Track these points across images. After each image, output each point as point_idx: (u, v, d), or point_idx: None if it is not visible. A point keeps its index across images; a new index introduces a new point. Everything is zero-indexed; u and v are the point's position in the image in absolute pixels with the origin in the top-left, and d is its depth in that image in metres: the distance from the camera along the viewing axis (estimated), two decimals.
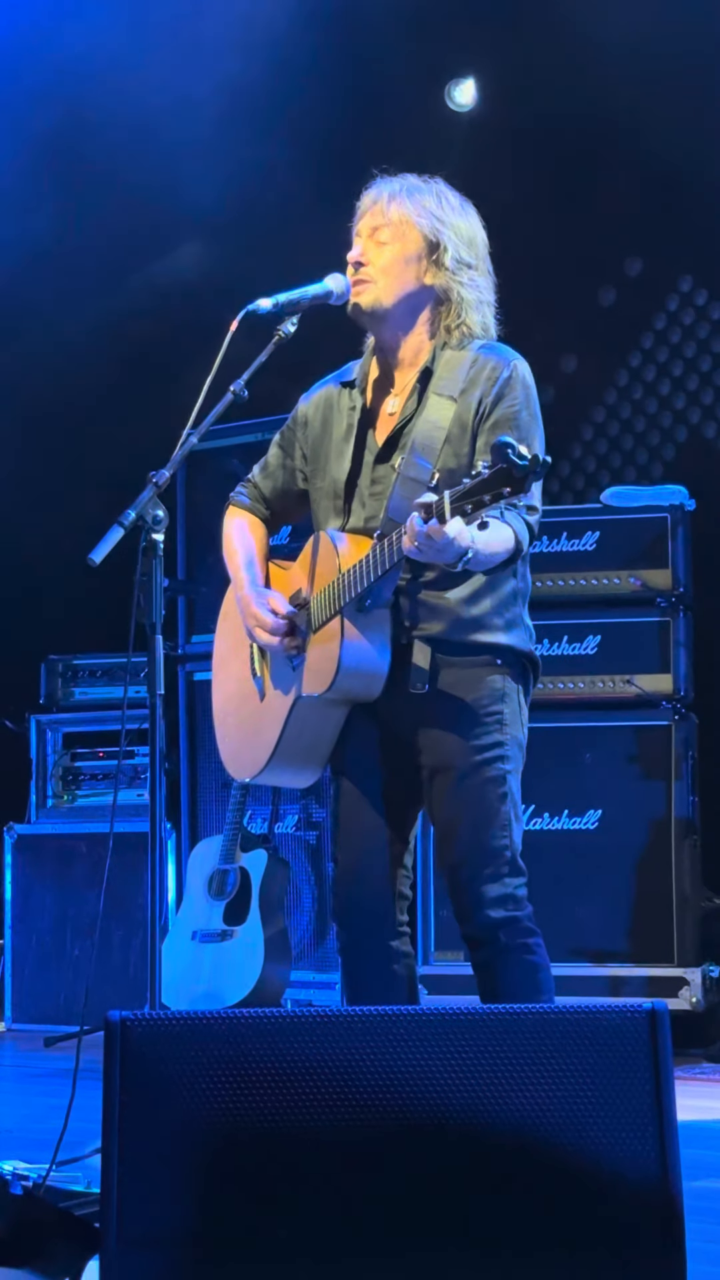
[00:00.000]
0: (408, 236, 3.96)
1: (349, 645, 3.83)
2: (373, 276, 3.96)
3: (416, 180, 4.04)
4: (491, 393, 3.89)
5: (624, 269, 7.91)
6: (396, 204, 3.97)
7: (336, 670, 3.83)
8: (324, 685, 3.86)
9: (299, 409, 4.18)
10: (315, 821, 6.82)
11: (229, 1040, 2.75)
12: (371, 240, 3.98)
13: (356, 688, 3.89)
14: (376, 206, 3.99)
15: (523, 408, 3.90)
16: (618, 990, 6.18)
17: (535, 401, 3.96)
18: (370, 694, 3.89)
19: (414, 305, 3.99)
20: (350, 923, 4.05)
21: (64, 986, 7.26)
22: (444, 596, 3.88)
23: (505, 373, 3.92)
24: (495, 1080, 2.74)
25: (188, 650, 7.25)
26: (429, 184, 4.04)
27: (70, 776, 7.68)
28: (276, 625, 4.00)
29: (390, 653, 3.87)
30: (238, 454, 6.77)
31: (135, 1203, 2.68)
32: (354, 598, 3.80)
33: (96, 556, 3.54)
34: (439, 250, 3.95)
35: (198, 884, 6.46)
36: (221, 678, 4.31)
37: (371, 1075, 2.74)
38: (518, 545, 3.74)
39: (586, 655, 6.43)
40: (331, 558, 3.90)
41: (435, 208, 3.98)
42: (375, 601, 3.83)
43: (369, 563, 3.76)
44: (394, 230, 3.96)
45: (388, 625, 3.87)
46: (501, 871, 3.87)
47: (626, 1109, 2.73)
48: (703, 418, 7.70)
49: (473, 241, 4.00)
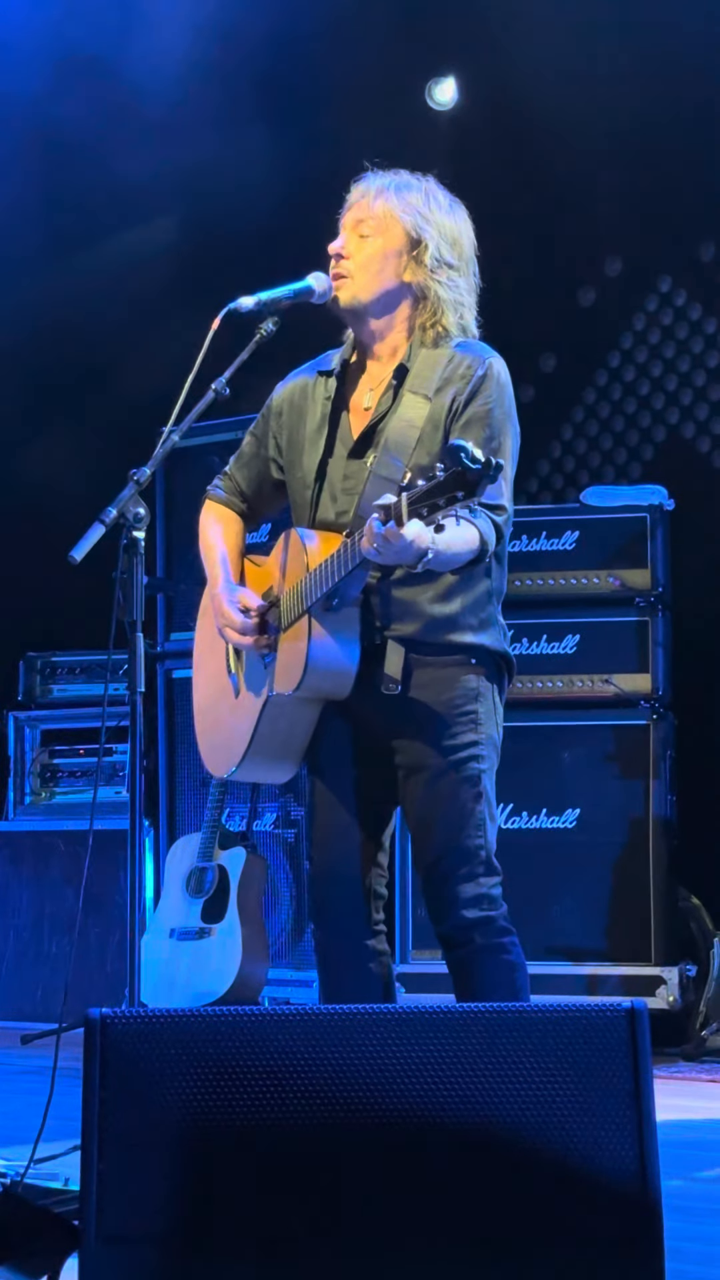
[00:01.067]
0: (390, 232, 3.96)
1: (316, 644, 3.83)
2: (351, 271, 3.96)
3: (408, 176, 4.03)
4: (466, 390, 3.89)
5: (604, 269, 7.92)
6: (382, 199, 3.97)
7: (304, 669, 3.83)
8: (293, 684, 3.86)
9: (273, 398, 4.17)
10: (293, 819, 6.82)
11: (208, 1038, 2.75)
12: (354, 233, 3.98)
13: (326, 686, 3.88)
14: (363, 200, 3.99)
15: (495, 405, 3.90)
16: (595, 989, 6.19)
17: (510, 400, 3.95)
18: (340, 692, 3.89)
19: (391, 301, 3.98)
20: (325, 922, 4.05)
21: (42, 983, 7.25)
22: (416, 595, 3.87)
23: (480, 370, 3.91)
24: (474, 1079, 2.75)
25: (167, 648, 7.24)
26: (420, 181, 4.03)
27: (48, 773, 7.67)
28: (245, 624, 3.99)
29: (359, 651, 3.86)
30: (218, 451, 6.76)
31: (114, 1200, 2.69)
32: (320, 596, 3.80)
33: (77, 554, 3.55)
34: (419, 248, 3.95)
35: (176, 881, 6.46)
36: (200, 675, 4.31)
37: (349, 1073, 2.75)
38: (483, 545, 3.73)
39: (565, 654, 6.44)
40: (300, 555, 3.90)
41: (421, 205, 3.97)
42: (343, 600, 3.83)
43: (332, 563, 3.76)
44: (377, 224, 3.96)
45: (356, 624, 3.86)
46: (476, 871, 3.87)
47: (606, 1107, 2.74)
48: (681, 418, 7.71)
49: (456, 242, 4.00)
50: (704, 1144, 4.88)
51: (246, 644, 4.01)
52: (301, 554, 3.89)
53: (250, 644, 4.00)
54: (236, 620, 4.00)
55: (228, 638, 4.05)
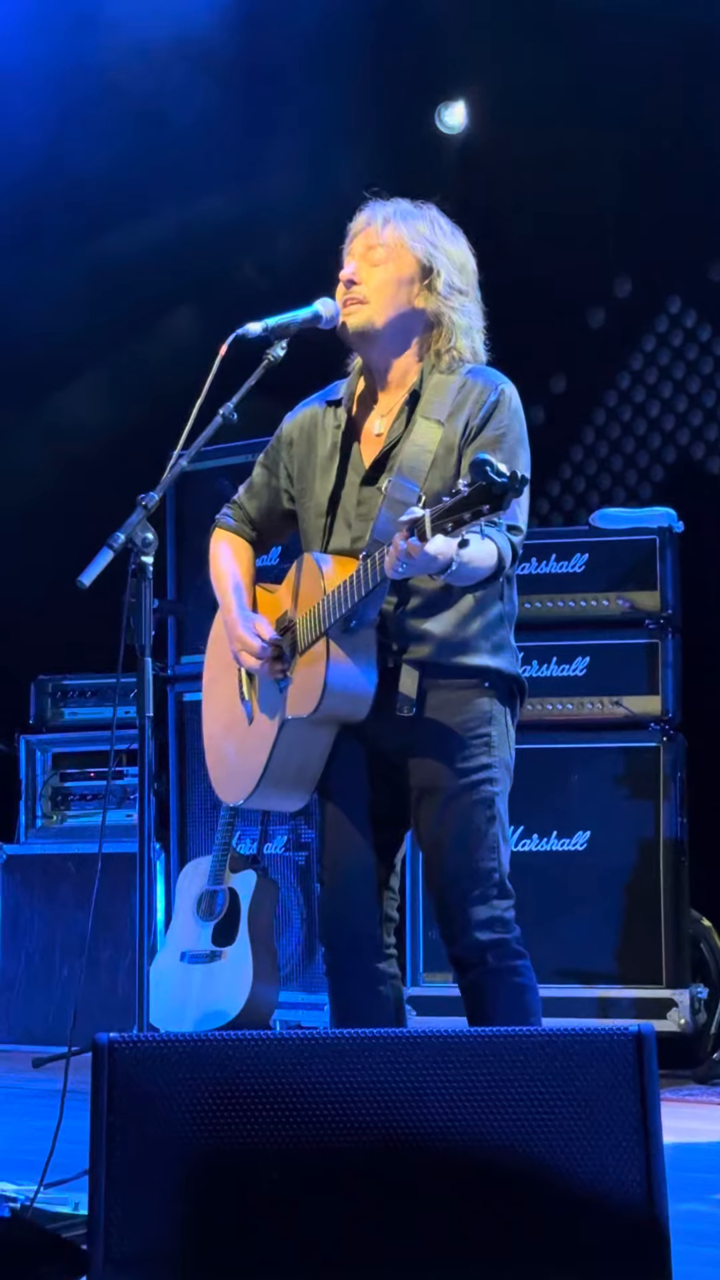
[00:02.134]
0: (402, 259, 3.97)
1: (334, 667, 3.83)
2: (365, 296, 3.97)
3: (409, 205, 4.05)
4: (479, 415, 3.90)
5: (613, 290, 7.93)
6: (391, 226, 3.98)
7: (322, 692, 3.83)
8: (310, 707, 3.86)
9: (283, 428, 4.18)
10: (304, 842, 6.82)
11: (217, 1062, 2.75)
12: (365, 260, 3.98)
13: (343, 709, 3.89)
14: (371, 228, 4.00)
15: (509, 430, 3.91)
16: (606, 1012, 6.18)
17: (522, 425, 3.96)
18: (357, 715, 3.89)
19: (405, 328, 3.99)
20: (336, 945, 4.05)
21: (52, 1007, 7.25)
22: (430, 620, 3.88)
23: (493, 396, 3.92)
24: (482, 1102, 2.75)
25: (177, 671, 7.24)
26: (422, 209, 4.05)
27: (59, 797, 7.67)
28: (262, 649, 4.00)
29: (376, 674, 3.87)
30: (227, 475, 6.76)
31: (123, 1225, 2.69)
32: (338, 619, 3.80)
33: (86, 579, 3.55)
34: (432, 275, 3.96)
35: (186, 905, 6.45)
36: (211, 702, 4.31)
37: (359, 1097, 2.75)
38: (500, 562, 3.74)
39: (575, 676, 6.44)
40: (316, 580, 3.91)
41: (429, 232, 3.99)
42: (360, 622, 3.83)
43: (352, 583, 3.76)
44: (388, 252, 3.97)
45: (373, 646, 3.87)
46: (490, 894, 3.87)
47: (613, 1131, 2.74)
48: (691, 439, 7.71)
49: (464, 268, 4.02)
50: (716, 1167, 4.87)
51: (261, 669, 4.01)
52: (318, 578, 3.90)
53: (265, 669, 4.00)
54: (253, 645, 4.00)
55: (243, 663, 4.05)
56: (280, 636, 4.01)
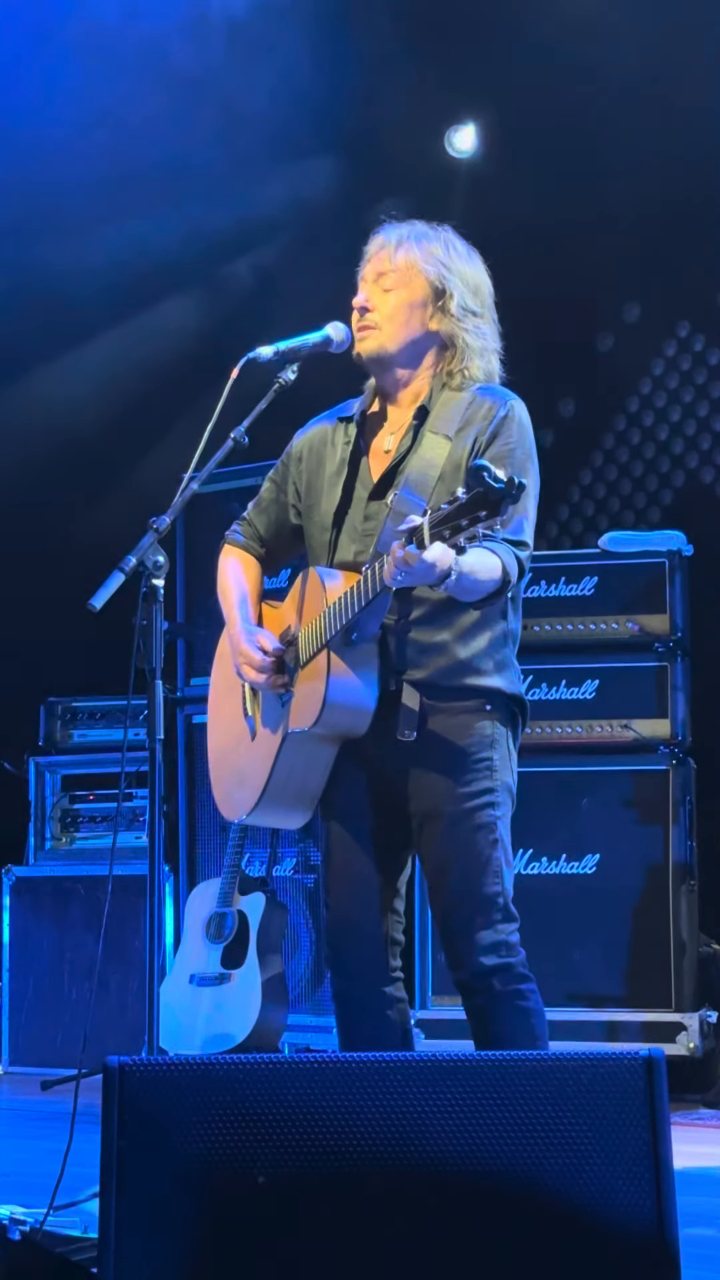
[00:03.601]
0: (413, 283, 3.98)
1: (335, 680, 3.83)
2: (377, 323, 3.98)
3: (424, 227, 4.06)
4: (487, 431, 3.91)
5: (622, 315, 7.94)
6: (403, 250, 3.99)
7: (322, 705, 3.83)
8: (310, 720, 3.86)
9: (293, 445, 4.20)
10: (313, 865, 6.81)
11: (228, 1086, 2.75)
12: (376, 286, 4.00)
13: (343, 723, 3.88)
14: (383, 252, 4.01)
15: (517, 446, 3.91)
16: (615, 1035, 6.17)
17: (531, 442, 3.97)
18: (357, 729, 3.88)
19: (418, 350, 4.01)
20: (343, 969, 4.05)
21: (61, 1029, 7.24)
22: (434, 637, 3.88)
23: (501, 412, 3.93)
24: (491, 1127, 2.74)
25: (187, 693, 7.25)
26: (437, 231, 4.06)
27: (69, 819, 7.67)
28: (263, 663, 4.00)
29: (378, 688, 3.87)
30: (238, 498, 6.77)
31: (133, 1248, 2.68)
32: (339, 630, 3.80)
33: (97, 602, 3.56)
34: (445, 297, 3.97)
35: (195, 927, 6.45)
36: (215, 719, 4.32)
37: (368, 1121, 2.74)
38: (505, 576, 3.74)
39: (584, 700, 6.43)
40: (319, 592, 3.91)
41: (442, 255, 4.00)
42: (362, 636, 3.83)
43: (353, 594, 3.76)
44: (399, 276, 3.98)
45: (375, 660, 3.86)
46: (494, 918, 3.86)
47: (623, 1156, 2.73)
48: (700, 463, 7.72)
49: (479, 289, 4.03)
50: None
51: (263, 682, 4.01)
52: (320, 591, 3.90)
53: (266, 683, 4.00)
54: (255, 658, 4.00)
55: (245, 676, 4.05)
56: (284, 648, 4.01)
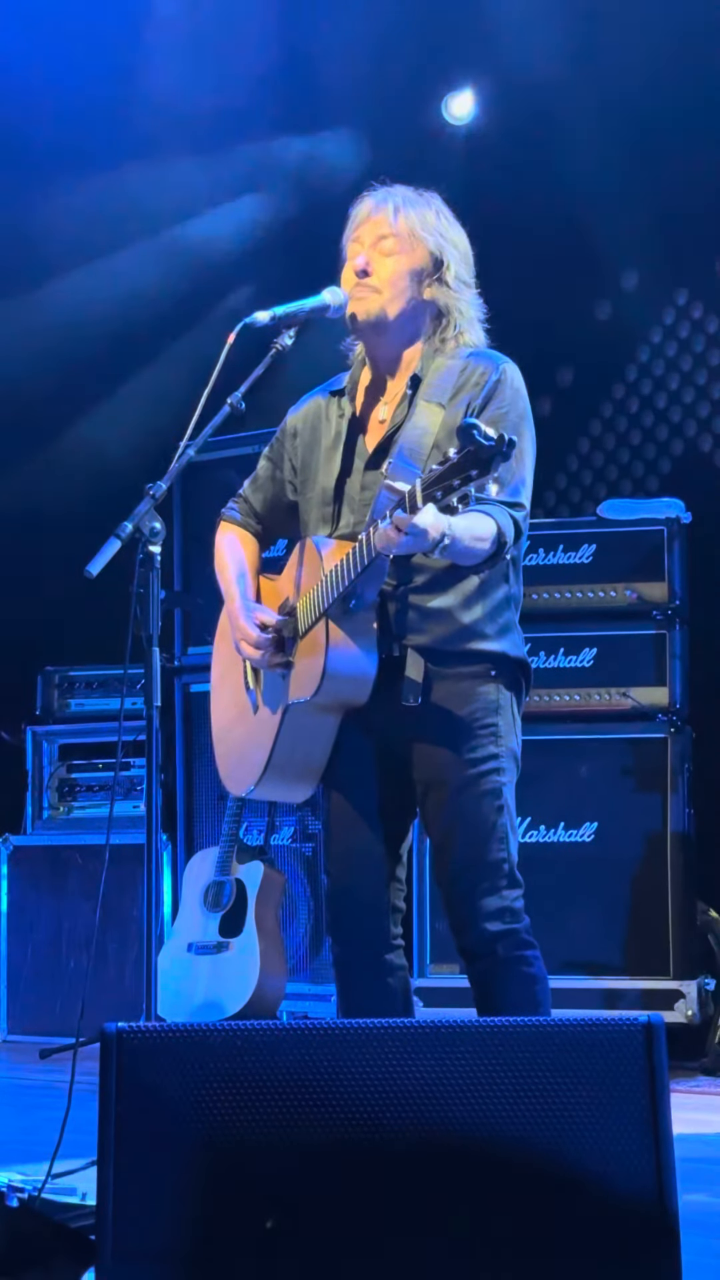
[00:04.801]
0: (414, 250, 3.95)
1: (334, 649, 3.82)
2: (377, 286, 3.95)
3: (412, 192, 4.03)
4: (480, 396, 3.89)
5: (620, 282, 7.91)
6: (404, 216, 3.95)
7: (322, 674, 3.82)
8: (311, 690, 3.85)
9: (287, 421, 4.18)
10: (311, 833, 6.81)
11: (225, 1053, 2.74)
12: (375, 250, 3.96)
13: (344, 692, 3.87)
14: (380, 216, 3.97)
15: (510, 409, 3.89)
16: (613, 1003, 6.17)
17: (525, 404, 3.95)
18: (359, 698, 3.87)
19: (415, 318, 3.98)
20: (343, 936, 4.05)
21: (60, 998, 7.25)
22: (435, 602, 3.86)
23: (494, 376, 3.91)
24: (491, 1093, 2.74)
25: (184, 662, 7.24)
26: (425, 197, 4.03)
27: (66, 788, 7.67)
28: (261, 639, 3.98)
29: (377, 655, 3.85)
30: (235, 466, 6.76)
31: (131, 1215, 2.68)
32: (336, 598, 3.78)
33: (94, 569, 3.55)
34: (442, 267, 3.95)
35: (193, 896, 6.46)
36: (218, 694, 4.31)
37: (367, 1088, 2.74)
38: (501, 538, 3.73)
39: (582, 668, 6.43)
40: (315, 562, 3.89)
41: (436, 223, 3.98)
42: (360, 603, 3.81)
43: (348, 562, 3.75)
44: (400, 242, 3.94)
45: (374, 628, 3.84)
46: (499, 884, 3.86)
47: (622, 1122, 2.73)
48: (699, 431, 7.70)
49: (468, 259, 4.01)
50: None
51: (262, 661, 4.00)
52: (317, 561, 3.89)
53: (265, 661, 3.99)
54: (253, 636, 3.99)
55: (244, 654, 4.04)
56: (282, 620, 3.99)
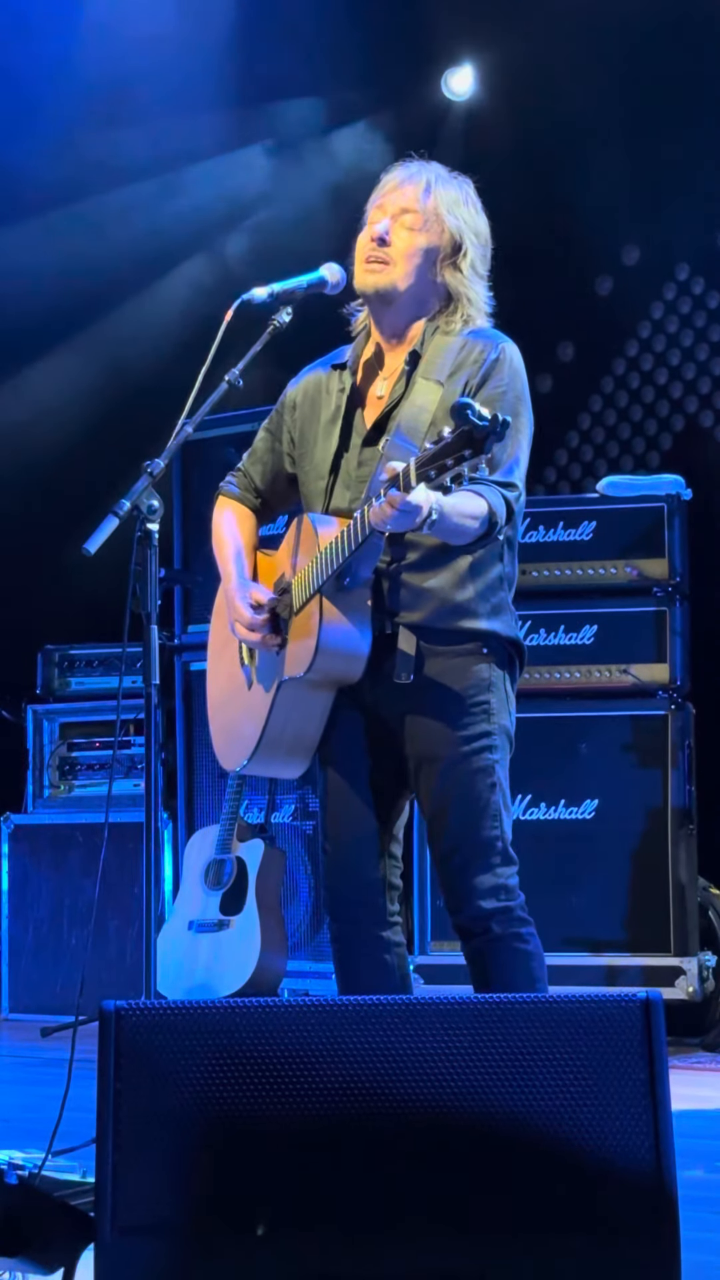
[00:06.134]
0: (436, 231, 3.91)
1: (327, 625, 3.81)
2: (393, 258, 3.91)
3: (446, 173, 3.99)
4: (479, 374, 3.88)
5: (621, 257, 7.90)
6: (433, 195, 3.91)
7: (316, 650, 3.81)
8: (304, 667, 3.84)
9: (287, 393, 4.16)
10: (312, 811, 6.82)
11: (224, 1030, 2.75)
12: (399, 221, 3.93)
13: (337, 668, 3.86)
14: (411, 189, 3.93)
15: (508, 388, 3.88)
16: (614, 980, 6.18)
17: (523, 383, 3.94)
18: (352, 674, 3.87)
19: (422, 297, 3.96)
20: (340, 913, 4.04)
21: (61, 976, 7.26)
22: (428, 580, 3.85)
23: (493, 354, 3.90)
24: (489, 1070, 2.74)
25: (184, 640, 7.24)
26: (457, 181, 3.99)
27: (67, 766, 7.67)
28: (255, 620, 3.97)
29: (371, 632, 3.84)
30: (233, 443, 6.75)
31: (130, 1192, 2.68)
32: (330, 575, 3.77)
33: (91, 546, 3.55)
34: (459, 254, 3.93)
35: (194, 874, 6.46)
36: (214, 670, 4.30)
37: (366, 1064, 2.74)
38: (491, 517, 3.72)
39: (583, 645, 6.42)
40: (311, 539, 3.88)
41: (463, 209, 3.94)
42: (354, 580, 3.80)
43: (343, 539, 3.74)
44: (423, 219, 3.91)
45: (368, 605, 3.83)
46: (493, 862, 3.85)
47: (621, 1098, 2.73)
48: (700, 407, 7.70)
49: (486, 251, 3.98)
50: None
51: (257, 641, 3.99)
52: (313, 537, 3.88)
53: (260, 641, 3.98)
54: (247, 616, 3.98)
55: (239, 634, 4.04)
56: (277, 598, 3.99)
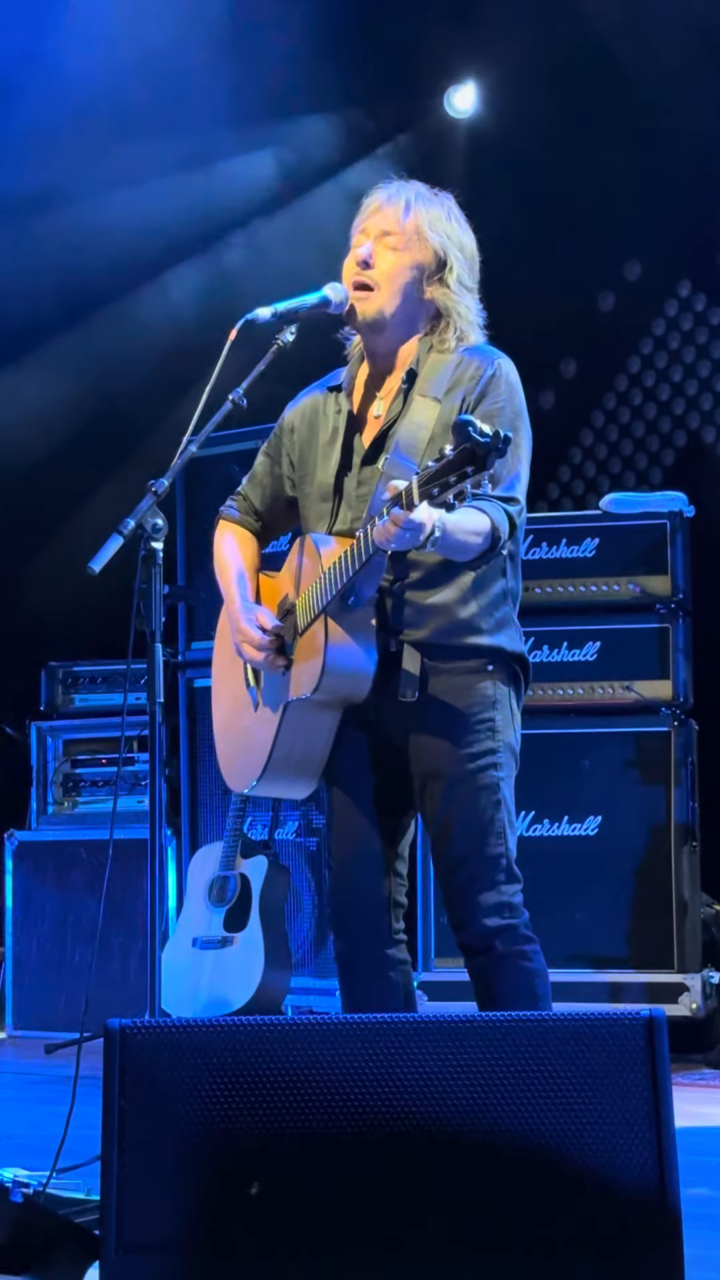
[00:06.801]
0: (418, 248, 3.93)
1: (333, 646, 3.82)
2: (377, 281, 3.94)
3: (426, 190, 4.01)
4: (475, 391, 3.88)
5: (623, 273, 7.92)
6: (413, 213, 3.94)
7: (321, 671, 3.81)
8: (310, 687, 3.85)
9: (285, 417, 4.18)
10: (316, 828, 6.82)
11: (228, 1048, 2.75)
12: (381, 243, 3.96)
13: (343, 688, 3.87)
14: (391, 209, 3.96)
15: (506, 404, 3.89)
16: (618, 996, 6.18)
17: (520, 399, 3.95)
18: (358, 694, 3.87)
19: (412, 316, 3.98)
20: (345, 931, 4.05)
21: (65, 993, 7.25)
22: (431, 598, 3.86)
23: (489, 371, 3.91)
24: (493, 1087, 2.75)
25: (188, 657, 7.24)
26: (439, 197, 4.01)
27: (71, 783, 7.67)
28: (262, 641, 3.98)
29: (376, 652, 3.85)
30: (237, 461, 6.76)
31: (135, 1210, 2.69)
32: (335, 595, 3.78)
33: (96, 565, 3.56)
34: (444, 269, 3.94)
35: (198, 890, 6.46)
36: (219, 693, 4.31)
37: (370, 1082, 2.75)
38: (495, 533, 3.72)
39: (586, 661, 6.43)
40: (314, 559, 3.89)
41: (445, 225, 3.96)
42: (358, 600, 3.81)
43: (346, 559, 3.74)
44: (405, 239, 3.93)
45: (373, 624, 3.84)
46: (497, 879, 3.86)
47: (624, 1116, 2.73)
48: (702, 423, 7.71)
49: (473, 264, 4.00)
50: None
51: (263, 662, 4.00)
52: (315, 557, 3.89)
53: (264, 661, 3.99)
54: (255, 637, 3.98)
55: (245, 655, 4.04)
56: (281, 623, 4.00)
